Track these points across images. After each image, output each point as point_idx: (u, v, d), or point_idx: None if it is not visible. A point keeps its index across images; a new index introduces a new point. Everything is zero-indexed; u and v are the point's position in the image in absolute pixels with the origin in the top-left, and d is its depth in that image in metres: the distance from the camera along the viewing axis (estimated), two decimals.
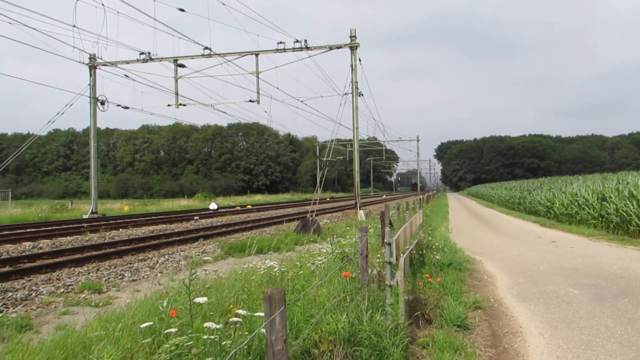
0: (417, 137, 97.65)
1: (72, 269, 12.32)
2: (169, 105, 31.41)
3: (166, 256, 14.42)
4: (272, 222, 26.05)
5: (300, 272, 7.81)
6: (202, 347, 3.94)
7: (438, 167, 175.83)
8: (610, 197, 19.31)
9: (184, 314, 4.57)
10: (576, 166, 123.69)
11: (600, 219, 19.88)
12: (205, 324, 4.09)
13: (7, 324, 7.15)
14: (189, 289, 4.39)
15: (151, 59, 30.18)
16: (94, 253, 14.47)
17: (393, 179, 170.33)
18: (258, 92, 29.96)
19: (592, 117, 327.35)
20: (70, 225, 23.79)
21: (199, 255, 14.21)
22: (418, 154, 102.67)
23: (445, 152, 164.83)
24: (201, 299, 4.34)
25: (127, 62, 30.77)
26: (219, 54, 28.64)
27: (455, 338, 5.93)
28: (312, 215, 21.29)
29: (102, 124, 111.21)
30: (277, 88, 42.22)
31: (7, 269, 11.89)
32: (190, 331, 4.20)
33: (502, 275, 10.41)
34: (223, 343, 4.05)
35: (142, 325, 4.47)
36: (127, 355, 4.41)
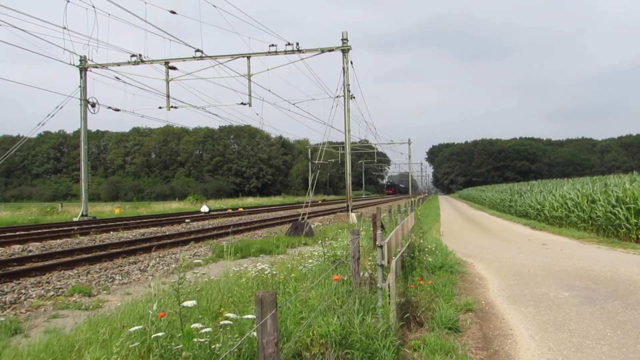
0: (409, 140, 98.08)
1: (62, 272, 12.23)
2: (160, 107, 31.28)
3: (157, 259, 14.35)
4: (263, 225, 26.01)
5: (292, 274, 7.80)
6: (192, 351, 3.92)
7: (429, 169, 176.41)
8: (599, 200, 19.46)
9: (175, 317, 4.54)
10: (566, 169, 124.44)
11: (590, 222, 20.02)
12: (194, 325, 4.06)
13: None
14: (178, 292, 4.37)
15: (142, 61, 30.05)
16: (85, 256, 14.37)
17: (385, 181, 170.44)
18: (250, 95, 29.91)
19: (582, 120, 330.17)
20: (61, 228, 23.62)
21: (190, 258, 14.15)
22: (410, 156, 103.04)
23: (436, 154, 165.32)
24: (189, 303, 4.32)
25: (118, 64, 30.65)
26: (210, 57, 28.56)
27: (447, 340, 5.94)
28: (304, 218, 21.26)
29: (92, 126, 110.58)
30: (269, 91, 42.17)
31: None
32: (180, 335, 4.18)
33: (493, 277, 10.44)
34: (213, 346, 4.03)
35: (131, 329, 4.44)
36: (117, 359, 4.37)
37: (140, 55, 29.98)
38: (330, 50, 29.20)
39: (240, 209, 44.80)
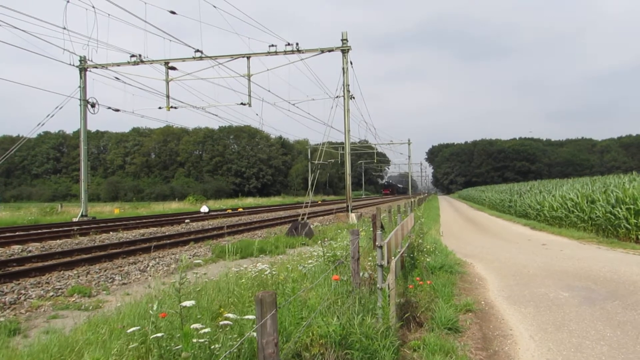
0: (409, 140, 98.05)
1: (61, 272, 12.23)
2: (160, 107, 31.30)
3: (157, 259, 14.35)
4: (263, 225, 26.00)
5: (292, 275, 7.79)
6: (192, 351, 3.92)
7: (429, 170, 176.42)
8: (599, 200, 19.46)
9: (174, 317, 4.54)
10: (566, 169, 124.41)
11: (590, 222, 20.02)
12: (193, 326, 4.06)
13: None
14: (179, 292, 4.37)
15: (142, 62, 30.05)
16: (84, 256, 14.37)
17: (384, 182, 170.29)
18: (249, 95, 29.92)
19: (582, 120, 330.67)
20: (60, 229, 23.62)
21: (189, 258, 14.15)
22: (409, 157, 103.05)
23: (436, 155, 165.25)
24: (188, 303, 4.32)
25: (118, 65, 30.65)
26: (210, 57, 28.56)
27: (446, 341, 5.94)
28: (303, 218, 21.26)
29: (92, 127, 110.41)
30: (269, 91, 42.18)
31: None
32: (179, 335, 4.18)
33: (492, 277, 10.44)
34: (212, 347, 4.03)
35: (129, 330, 4.44)
36: None
37: (140, 55, 29.98)
38: (330, 50, 29.21)
39: (240, 210, 44.81)
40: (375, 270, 6.40)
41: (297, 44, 28.90)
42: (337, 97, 28.98)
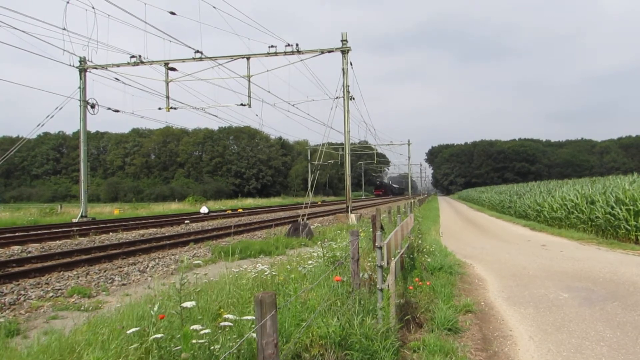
0: (408, 141, 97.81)
1: (61, 273, 12.22)
2: (159, 108, 31.33)
3: (157, 260, 14.34)
4: (263, 226, 25.98)
5: (291, 275, 7.79)
6: (192, 352, 3.92)
7: (429, 171, 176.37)
8: (599, 201, 19.46)
9: (174, 318, 4.53)
10: (566, 170, 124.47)
11: (590, 223, 20.01)
12: (193, 327, 4.06)
13: None
14: (179, 293, 4.37)
15: (142, 62, 30.06)
16: (84, 257, 14.36)
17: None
18: (249, 96, 29.91)
19: (582, 121, 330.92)
20: (60, 229, 23.61)
21: (189, 259, 14.14)
22: (409, 157, 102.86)
23: (436, 156, 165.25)
24: (189, 304, 4.32)
25: (118, 66, 30.65)
26: (210, 58, 28.56)
27: (446, 342, 5.94)
28: (303, 219, 21.27)
29: (92, 127, 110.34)
30: (269, 92, 42.13)
31: None
32: (179, 336, 4.17)
33: (492, 278, 10.44)
34: (212, 347, 4.03)
35: (129, 331, 4.43)
36: None
37: (139, 56, 29.98)
38: (330, 51, 29.21)
39: (240, 210, 44.78)
40: (375, 271, 6.40)
41: (296, 44, 28.93)
42: (337, 98, 29.01)
